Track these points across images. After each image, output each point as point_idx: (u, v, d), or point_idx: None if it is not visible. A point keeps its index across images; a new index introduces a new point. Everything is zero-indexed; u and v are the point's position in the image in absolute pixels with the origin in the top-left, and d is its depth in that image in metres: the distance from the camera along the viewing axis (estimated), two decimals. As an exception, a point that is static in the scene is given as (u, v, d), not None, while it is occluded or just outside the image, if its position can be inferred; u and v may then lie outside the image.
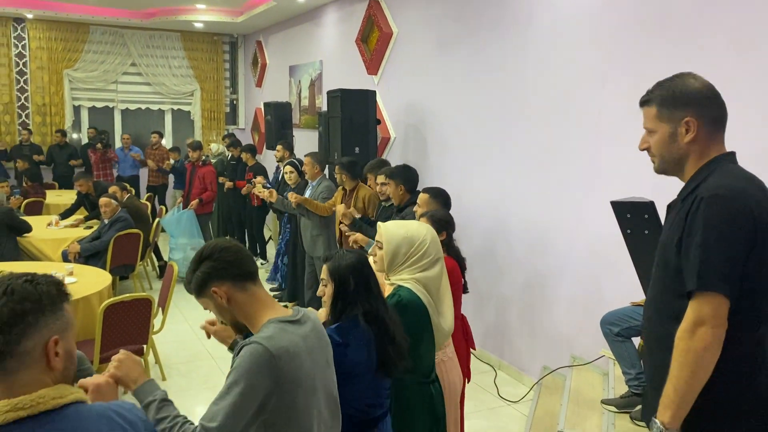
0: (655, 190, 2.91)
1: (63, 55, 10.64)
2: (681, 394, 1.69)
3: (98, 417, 1.20)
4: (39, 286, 1.22)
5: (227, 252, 1.85)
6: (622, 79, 4.04)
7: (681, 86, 1.85)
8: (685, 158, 1.85)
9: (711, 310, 1.67)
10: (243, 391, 1.65)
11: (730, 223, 1.68)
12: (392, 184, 4.55)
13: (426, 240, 2.63)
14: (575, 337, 4.48)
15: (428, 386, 2.66)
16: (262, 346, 1.69)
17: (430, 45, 6.06)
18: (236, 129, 11.90)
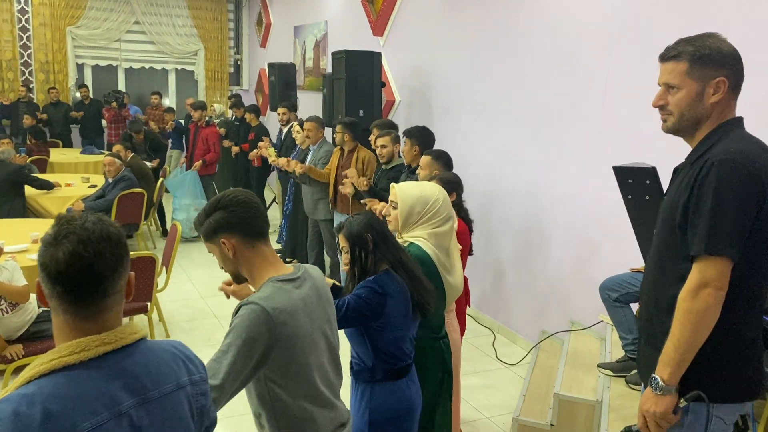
0: (657, 156, 2.91)
1: (66, 11, 10.51)
2: (681, 352, 1.74)
3: (163, 351, 1.34)
4: (115, 227, 1.29)
5: (243, 207, 1.85)
6: (630, 45, 3.99)
7: (716, 46, 1.81)
8: (704, 119, 1.84)
9: (716, 273, 1.70)
10: (241, 348, 1.70)
11: (740, 189, 1.69)
12: (408, 142, 4.51)
13: (439, 199, 2.72)
14: (574, 302, 4.52)
15: (438, 341, 2.75)
16: (259, 305, 1.73)
17: (437, 6, 5.98)
18: (240, 90, 11.82)
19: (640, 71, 3.91)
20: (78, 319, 1.23)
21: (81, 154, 9.14)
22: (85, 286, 1.22)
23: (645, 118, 3.85)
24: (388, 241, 2.41)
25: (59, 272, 1.20)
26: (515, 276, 5.13)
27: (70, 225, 1.23)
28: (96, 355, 1.20)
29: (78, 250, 1.20)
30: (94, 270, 1.22)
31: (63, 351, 1.20)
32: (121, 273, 1.27)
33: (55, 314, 1.25)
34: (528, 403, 3.59)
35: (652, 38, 3.84)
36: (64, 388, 1.15)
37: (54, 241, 1.22)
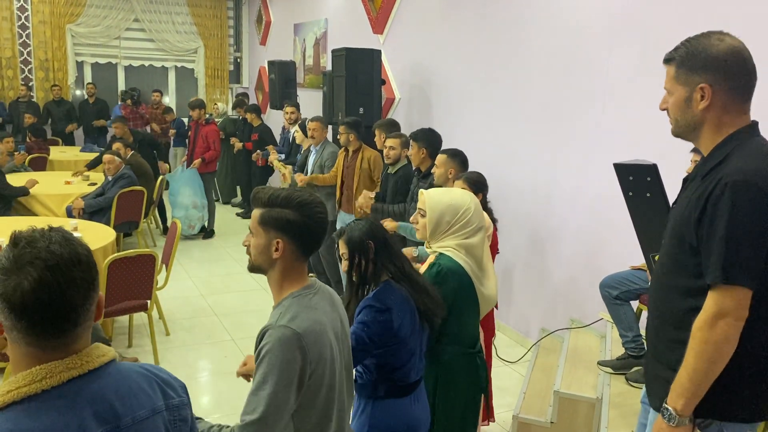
0: (659, 153, 2.90)
1: (65, 9, 10.49)
2: (696, 383, 1.67)
3: (136, 374, 1.22)
4: (84, 247, 1.16)
5: (318, 221, 1.77)
6: (630, 42, 3.99)
7: (703, 47, 1.70)
8: (700, 126, 1.75)
9: (734, 303, 1.62)
10: (281, 376, 1.61)
11: (756, 213, 1.60)
12: (414, 146, 4.44)
13: (470, 208, 2.58)
14: (574, 299, 4.52)
15: (474, 357, 2.62)
16: (291, 329, 1.65)
17: (436, 4, 5.97)
18: (240, 87, 11.80)
19: (641, 68, 3.91)
20: (43, 352, 1.09)
21: (81, 152, 9.13)
22: (54, 318, 1.07)
23: (646, 115, 3.84)
24: (390, 249, 2.31)
25: (25, 305, 1.05)
26: (515, 274, 5.13)
27: (33, 247, 1.08)
28: (60, 382, 1.08)
29: (46, 278, 1.05)
30: (65, 299, 1.08)
31: (21, 381, 1.06)
32: (93, 298, 1.15)
33: (14, 346, 1.10)
34: (528, 401, 3.59)
35: (652, 35, 3.83)
36: (26, 423, 1.03)
37: (15, 267, 1.05)
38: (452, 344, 2.53)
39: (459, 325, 2.54)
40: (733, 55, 1.68)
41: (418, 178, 4.48)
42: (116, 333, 4.88)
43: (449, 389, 2.54)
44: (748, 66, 1.70)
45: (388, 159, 4.83)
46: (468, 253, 2.54)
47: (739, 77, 1.69)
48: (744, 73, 1.70)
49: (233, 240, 7.85)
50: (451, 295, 2.47)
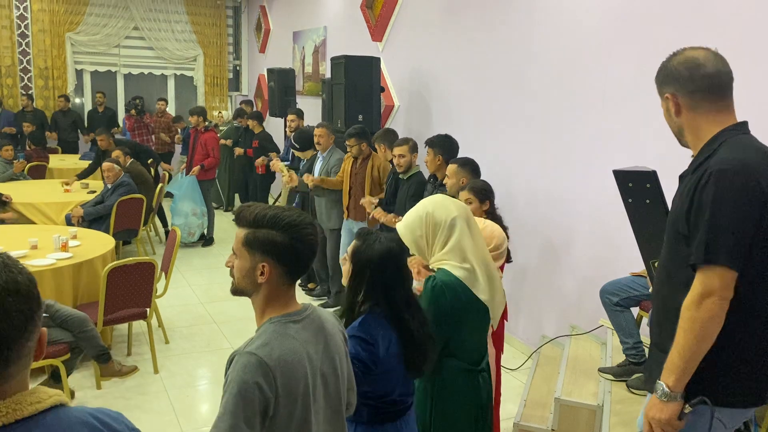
0: (658, 159, 2.90)
1: (65, 17, 10.53)
2: (685, 360, 1.76)
3: (79, 424, 1.06)
4: (24, 274, 1.04)
5: (307, 246, 1.65)
6: (629, 49, 4.00)
7: (665, 63, 1.91)
8: (682, 130, 1.91)
9: (719, 282, 1.72)
10: (241, 406, 1.51)
11: (737, 198, 1.70)
12: (430, 152, 4.38)
13: (431, 211, 2.46)
14: (574, 306, 4.51)
15: (476, 375, 2.50)
16: (256, 356, 1.54)
17: (435, 11, 5.99)
18: (239, 95, 11.83)
19: (639, 74, 3.91)
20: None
21: (80, 160, 9.14)
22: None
23: (645, 121, 3.85)
24: (392, 282, 2.13)
25: None
26: (515, 280, 5.12)
27: None
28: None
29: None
30: (7, 324, 0.97)
31: None
32: (31, 333, 1.01)
33: None
34: (529, 408, 3.58)
35: (649, 41, 3.84)
36: None
37: None
38: (450, 358, 2.43)
39: (458, 339, 2.44)
40: (685, 62, 1.85)
41: (434, 185, 4.41)
42: (115, 341, 4.87)
43: (445, 405, 2.44)
44: (702, 70, 1.82)
45: (399, 167, 4.75)
46: (462, 256, 2.41)
47: (695, 81, 1.83)
48: (700, 77, 1.82)
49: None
50: (448, 310, 2.37)
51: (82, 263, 4.43)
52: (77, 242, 4.86)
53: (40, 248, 4.62)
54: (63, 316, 3.84)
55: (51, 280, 4.21)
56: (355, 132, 5.31)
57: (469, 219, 2.51)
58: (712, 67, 1.83)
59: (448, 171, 3.91)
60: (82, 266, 4.44)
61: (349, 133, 5.37)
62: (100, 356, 3.99)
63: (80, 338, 3.87)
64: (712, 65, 1.83)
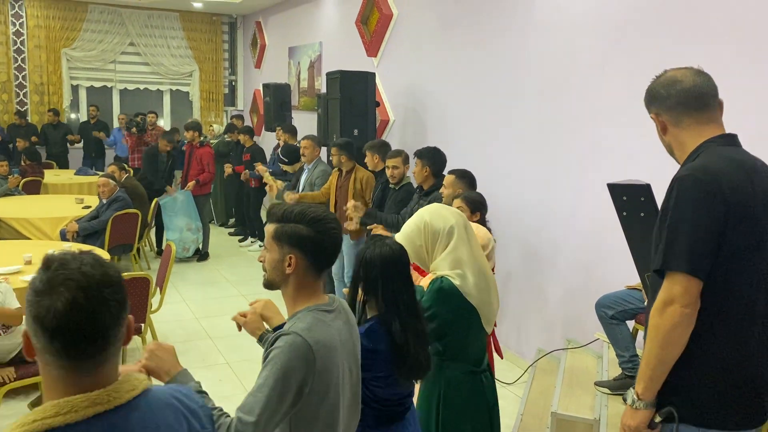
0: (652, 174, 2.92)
1: (61, 33, 10.56)
2: (651, 367, 1.76)
3: (165, 406, 1.20)
4: (115, 268, 1.16)
5: (331, 238, 1.77)
6: (622, 63, 4.03)
7: (649, 86, 1.95)
8: (672, 147, 1.93)
9: (680, 290, 1.70)
10: (280, 382, 1.61)
11: (696, 205, 1.70)
12: (419, 163, 4.46)
13: (428, 221, 2.55)
14: (570, 319, 4.51)
15: (479, 376, 2.59)
16: (301, 337, 1.65)
17: (430, 27, 6.03)
18: (235, 110, 11.86)
19: (632, 87, 3.94)
20: (73, 376, 1.08)
21: (75, 175, 9.13)
22: (86, 339, 1.07)
23: (638, 134, 3.87)
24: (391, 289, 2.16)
25: (58, 326, 1.05)
26: (511, 294, 5.12)
27: (66, 269, 1.07)
28: (84, 418, 1.05)
29: (79, 299, 1.05)
30: (97, 321, 1.08)
31: (48, 411, 1.05)
32: (123, 319, 1.14)
33: (45, 369, 1.10)
34: (525, 423, 3.56)
35: (642, 55, 3.88)
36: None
37: (48, 288, 1.06)
38: (455, 361, 2.51)
39: (462, 341, 2.53)
40: (664, 82, 1.89)
41: (420, 195, 4.50)
42: (109, 357, 4.83)
43: (453, 407, 2.50)
44: (679, 86, 1.85)
45: (393, 179, 4.84)
46: (457, 261, 2.48)
47: (672, 96, 1.86)
48: (676, 92, 1.85)
49: (228, 262, 7.83)
50: (451, 313, 2.46)
51: (76, 279, 4.41)
52: (72, 257, 4.83)
53: (34, 263, 4.60)
54: (57, 332, 3.81)
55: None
56: (337, 143, 5.46)
57: (467, 226, 2.59)
58: (689, 82, 1.85)
59: (446, 181, 3.97)
60: (77, 282, 4.41)
61: (334, 143, 5.55)
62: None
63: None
64: (690, 80, 1.85)
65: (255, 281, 7.10)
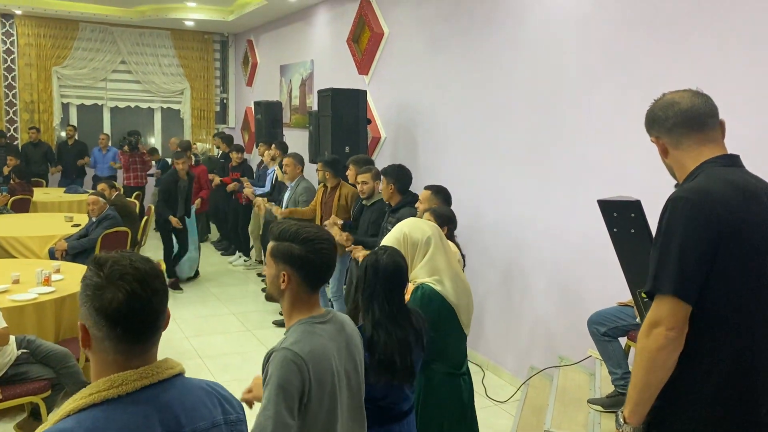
0: (642, 190, 2.93)
1: (52, 52, 10.56)
2: (638, 390, 1.74)
3: (199, 389, 1.35)
4: (157, 263, 1.33)
5: (322, 258, 1.87)
6: (612, 80, 4.06)
7: (648, 109, 1.95)
8: (673, 170, 1.92)
9: (667, 312, 1.67)
10: (282, 395, 1.72)
11: (687, 226, 1.67)
12: (384, 181, 4.60)
13: (407, 234, 2.74)
14: (562, 337, 4.49)
15: (458, 378, 2.75)
16: (291, 350, 1.76)
17: (421, 45, 6.07)
18: (226, 128, 11.86)
19: (621, 105, 3.98)
20: (128, 358, 1.25)
21: (65, 194, 9.08)
22: (144, 324, 1.25)
23: (628, 151, 3.89)
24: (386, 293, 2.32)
25: (121, 314, 1.21)
26: (502, 311, 5.11)
27: (119, 265, 1.24)
28: (134, 389, 1.22)
29: (137, 289, 1.22)
30: (153, 308, 1.26)
31: (101, 385, 1.21)
32: (166, 307, 1.32)
33: (101, 355, 1.26)
34: (518, 441, 3.53)
35: (632, 72, 3.91)
36: (103, 422, 1.18)
37: (107, 283, 1.22)
38: (436, 362, 2.65)
39: (443, 344, 2.68)
40: (662, 104, 1.89)
41: (388, 212, 4.64)
42: (98, 377, 4.78)
43: (430, 406, 2.64)
44: (677, 107, 1.85)
45: (362, 194, 5.02)
46: (436, 269, 2.69)
47: (670, 118, 1.85)
48: (674, 113, 1.85)
49: (218, 281, 7.78)
50: (435, 315, 2.61)
51: (65, 297, 4.37)
52: (60, 276, 4.79)
53: (22, 282, 4.55)
54: (44, 352, 3.77)
55: (33, 314, 4.14)
56: (322, 160, 5.63)
57: (442, 236, 2.82)
58: (686, 104, 1.84)
59: (422, 196, 4.10)
60: (65, 300, 4.37)
61: (319, 159, 5.73)
62: (82, 393, 3.90)
63: (62, 374, 3.79)
64: (687, 101, 1.84)
65: (245, 299, 7.06)
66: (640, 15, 3.87)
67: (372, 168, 5.02)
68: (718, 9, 3.44)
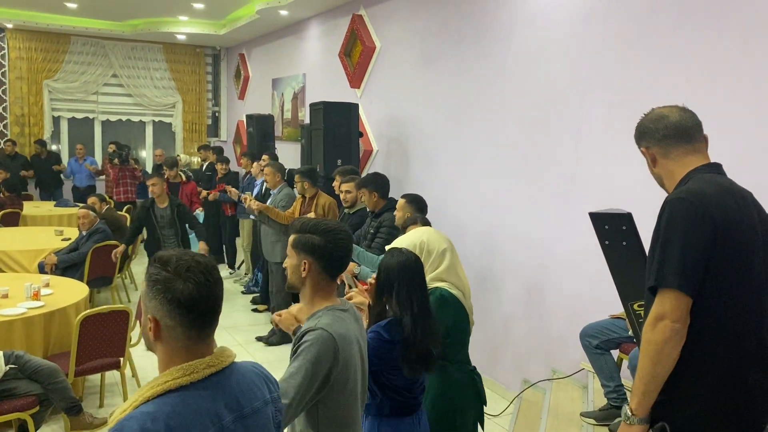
0: (633, 202, 2.94)
1: (43, 65, 10.55)
2: (644, 382, 1.79)
3: (251, 372, 1.50)
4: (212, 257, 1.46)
5: (339, 246, 2.03)
6: (601, 93, 4.09)
7: (638, 122, 2.05)
8: (662, 178, 2.02)
9: (671, 305, 1.75)
10: (311, 369, 1.85)
11: (687, 224, 1.77)
12: (366, 192, 4.73)
13: (425, 240, 2.93)
14: (555, 350, 4.49)
15: (472, 374, 2.99)
16: (327, 332, 1.90)
17: (412, 59, 6.10)
18: (218, 141, 11.85)
19: (612, 118, 4.00)
20: (196, 342, 1.39)
21: (55, 207, 9.03)
22: (211, 310, 1.40)
23: (619, 164, 3.92)
24: (416, 289, 2.47)
25: (194, 301, 1.35)
26: (495, 325, 5.10)
27: (184, 260, 1.38)
28: (203, 377, 1.36)
29: (203, 280, 1.37)
30: (217, 295, 1.41)
31: (175, 374, 1.34)
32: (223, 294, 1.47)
33: (172, 343, 1.38)
34: (512, 455, 3.51)
35: (621, 88, 3.94)
36: (180, 407, 1.30)
37: (177, 275, 1.36)
38: (458, 362, 2.88)
39: (461, 344, 2.94)
40: (652, 117, 2.00)
41: (371, 218, 4.78)
42: (87, 392, 4.72)
43: (461, 405, 2.85)
44: (666, 120, 1.96)
45: (345, 203, 5.15)
46: (454, 275, 2.91)
47: (660, 129, 1.97)
48: (663, 126, 1.96)
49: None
50: (452, 318, 2.83)
51: (54, 312, 4.33)
52: (50, 290, 4.75)
53: (11, 297, 4.51)
54: (32, 368, 3.72)
55: (21, 329, 4.09)
56: (300, 170, 5.80)
57: (453, 249, 3.03)
58: (675, 117, 1.97)
59: (398, 205, 4.25)
60: (54, 315, 4.33)
61: (297, 170, 5.89)
62: (70, 409, 3.86)
63: (50, 390, 3.74)
64: (676, 116, 1.97)
65: (235, 313, 7.03)
66: (627, 31, 3.91)
67: (355, 178, 5.11)
68: (702, 25, 3.48)
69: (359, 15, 6.96)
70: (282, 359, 5.74)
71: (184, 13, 9.51)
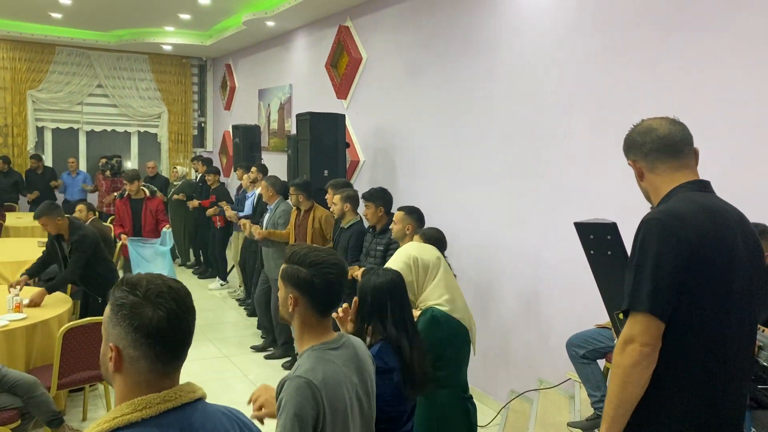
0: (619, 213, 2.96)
1: (27, 75, 10.47)
2: (613, 407, 1.75)
3: (220, 413, 1.35)
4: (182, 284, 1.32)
5: (326, 283, 1.86)
6: (586, 105, 4.13)
7: (627, 134, 2.01)
8: (648, 193, 1.98)
9: (640, 329, 1.71)
10: (298, 426, 1.73)
11: (660, 245, 1.72)
12: (371, 206, 4.65)
13: (416, 256, 2.80)
14: (542, 360, 4.49)
15: (466, 402, 2.83)
16: (305, 379, 1.77)
17: (399, 70, 6.12)
18: (204, 152, 11.80)
19: (597, 129, 4.03)
20: (160, 377, 1.25)
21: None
22: (180, 343, 1.26)
23: (604, 174, 3.94)
24: (403, 311, 2.35)
25: (163, 331, 1.22)
26: (481, 334, 5.09)
27: (154, 284, 1.25)
28: (157, 413, 1.21)
29: (174, 308, 1.24)
30: (190, 326, 1.28)
31: (125, 409, 1.21)
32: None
33: (133, 376, 1.24)
34: (499, 466, 3.50)
35: (606, 100, 3.98)
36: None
37: (146, 301, 1.22)
38: (446, 388, 2.68)
39: (452, 369, 2.76)
40: (641, 129, 1.95)
41: (373, 234, 4.69)
42: (70, 405, 4.65)
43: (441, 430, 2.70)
44: (654, 133, 1.91)
45: (336, 215, 5.12)
46: (448, 287, 2.76)
47: (647, 143, 1.92)
48: (651, 139, 1.91)
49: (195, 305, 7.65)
50: (444, 341, 2.68)
51: (36, 324, 4.27)
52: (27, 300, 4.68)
53: (-8, 309, 4.45)
54: (11, 382, 3.67)
55: (2, 342, 4.03)
56: (295, 183, 5.67)
57: (442, 259, 2.89)
58: (664, 130, 1.91)
59: (396, 217, 4.14)
60: (37, 327, 4.27)
61: (292, 182, 5.77)
62: (51, 421, 3.80)
63: (30, 403, 3.68)
64: (665, 129, 1.91)
65: (222, 325, 6.97)
66: (612, 43, 3.95)
67: (345, 190, 5.08)
68: (687, 37, 3.53)
69: (346, 26, 6.98)
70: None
71: (171, 24, 9.49)
